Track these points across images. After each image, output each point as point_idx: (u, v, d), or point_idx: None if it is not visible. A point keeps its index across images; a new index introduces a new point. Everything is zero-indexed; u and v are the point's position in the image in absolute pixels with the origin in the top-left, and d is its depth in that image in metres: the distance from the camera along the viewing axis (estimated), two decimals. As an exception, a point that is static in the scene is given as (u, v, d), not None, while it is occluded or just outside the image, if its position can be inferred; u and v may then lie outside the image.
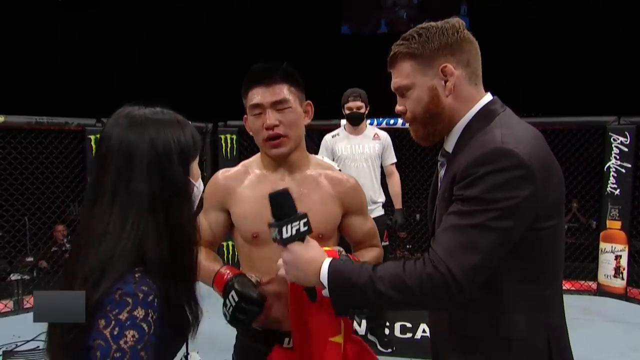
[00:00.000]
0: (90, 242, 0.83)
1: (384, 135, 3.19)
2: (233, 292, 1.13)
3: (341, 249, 1.18)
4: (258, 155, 1.35)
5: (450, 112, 1.03)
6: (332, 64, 7.77)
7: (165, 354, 0.87)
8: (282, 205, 0.98)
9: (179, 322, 0.87)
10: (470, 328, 1.00)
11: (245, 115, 1.30)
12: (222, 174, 1.35)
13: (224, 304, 1.15)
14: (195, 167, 0.94)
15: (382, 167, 3.21)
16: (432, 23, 1.04)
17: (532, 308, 0.97)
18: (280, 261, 1.02)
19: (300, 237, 0.98)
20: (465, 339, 1.02)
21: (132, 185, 0.83)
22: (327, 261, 0.97)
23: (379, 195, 3.13)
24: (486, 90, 1.07)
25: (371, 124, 3.87)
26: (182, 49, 8.33)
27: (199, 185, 0.96)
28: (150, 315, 0.79)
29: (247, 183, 1.30)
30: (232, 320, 1.14)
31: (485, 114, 1.01)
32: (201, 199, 1.06)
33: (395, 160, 3.25)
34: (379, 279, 0.91)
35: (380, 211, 3.12)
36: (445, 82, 1.01)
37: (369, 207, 3.01)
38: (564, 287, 3.90)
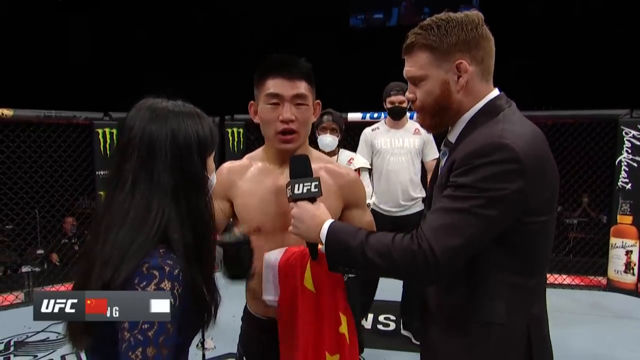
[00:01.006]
0: (109, 228, 0.85)
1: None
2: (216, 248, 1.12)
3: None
4: (261, 148, 1.36)
5: (458, 106, 1.06)
6: (341, 56, 7.72)
7: (186, 332, 0.89)
8: (299, 167, 1.13)
9: (200, 305, 0.89)
10: (454, 311, 1.05)
11: (252, 102, 1.29)
12: (227, 166, 1.36)
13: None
14: (210, 161, 0.97)
15: (422, 162, 3.11)
16: (452, 15, 1.04)
17: (514, 296, 1.01)
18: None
19: (310, 196, 1.09)
20: (449, 321, 1.07)
21: (154, 175, 0.86)
22: (329, 221, 1.06)
23: (418, 190, 3.07)
24: (496, 84, 1.09)
25: (411, 118, 3.74)
26: (189, 42, 8.31)
27: (212, 178, 0.98)
28: (176, 288, 0.82)
29: (249, 176, 1.32)
30: (229, 272, 1.13)
31: (491, 109, 1.04)
32: None
33: (437, 155, 3.08)
34: (369, 245, 0.99)
35: (419, 206, 3.05)
36: (459, 77, 1.03)
37: (407, 203, 3.03)
38: (573, 282, 3.85)
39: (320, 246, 1.07)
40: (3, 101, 3.68)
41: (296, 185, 1.10)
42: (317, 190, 1.10)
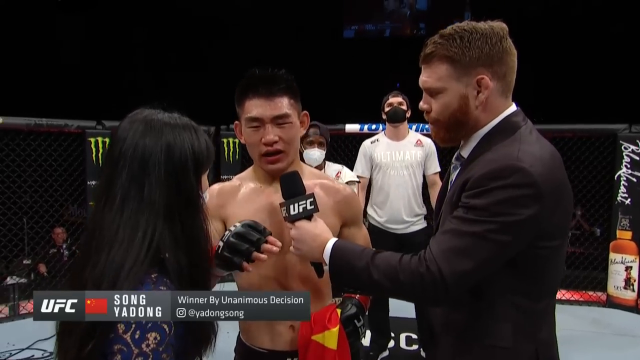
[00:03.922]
0: (100, 247, 0.81)
1: (428, 142, 2.93)
2: (232, 227, 1.00)
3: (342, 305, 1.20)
4: (251, 168, 1.31)
5: (475, 122, 1.02)
6: (335, 68, 7.71)
7: (183, 359, 0.86)
8: (291, 186, 1.07)
9: (197, 330, 0.85)
10: (458, 331, 1.03)
11: (236, 122, 1.25)
12: (217, 187, 1.30)
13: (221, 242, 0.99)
14: (204, 179, 0.92)
15: (424, 176, 2.97)
16: (476, 26, 0.99)
17: (521, 319, 0.98)
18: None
19: (307, 215, 1.05)
20: (453, 342, 1.04)
21: (145, 192, 0.82)
22: (332, 240, 1.03)
23: (420, 206, 2.94)
24: None
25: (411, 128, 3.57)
26: (184, 50, 8.29)
27: (205, 196, 0.94)
28: None
29: (241, 197, 1.26)
30: (226, 248, 0.96)
31: (507, 126, 1.01)
32: None
33: (439, 169, 2.99)
34: (375, 266, 0.96)
35: (422, 224, 2.93)
36: (478, 93, 0.99)
37: (410, 219, 2.90)
38: (572, 298, 3.77)
39: (325, 266, 1.04)
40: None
41: (291, 206, 1.05)
42: (313, 207, 1.05)
